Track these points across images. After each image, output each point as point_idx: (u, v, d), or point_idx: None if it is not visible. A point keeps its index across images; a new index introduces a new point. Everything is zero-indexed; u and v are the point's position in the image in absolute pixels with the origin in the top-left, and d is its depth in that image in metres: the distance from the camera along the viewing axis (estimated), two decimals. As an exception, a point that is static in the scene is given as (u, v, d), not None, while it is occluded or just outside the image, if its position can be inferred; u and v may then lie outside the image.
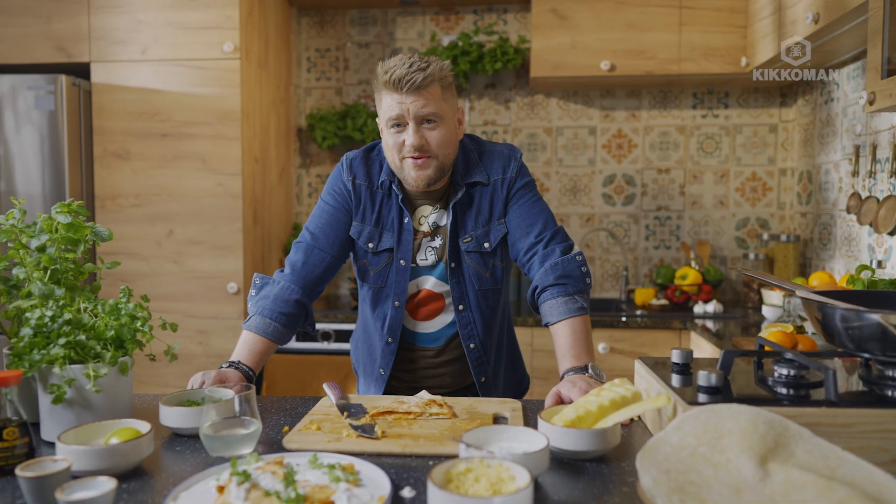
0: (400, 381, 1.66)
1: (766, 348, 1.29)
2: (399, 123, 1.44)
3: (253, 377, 1.40)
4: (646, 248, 3.36)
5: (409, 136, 1.44)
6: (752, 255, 3.11)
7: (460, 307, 1.58)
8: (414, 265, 1.57)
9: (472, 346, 1.60)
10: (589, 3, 2.93)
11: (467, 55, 3.21)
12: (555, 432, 1.05)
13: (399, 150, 1.46)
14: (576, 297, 1.46)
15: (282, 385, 2.80)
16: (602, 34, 2.94)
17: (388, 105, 1.44)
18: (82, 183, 2.86)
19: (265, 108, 3.06)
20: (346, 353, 2.81)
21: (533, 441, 1.02)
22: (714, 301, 2.85)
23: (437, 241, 1.57)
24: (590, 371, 1.36)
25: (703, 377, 1.09)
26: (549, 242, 1.52)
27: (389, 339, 1.60)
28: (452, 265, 1.56)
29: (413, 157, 1.45)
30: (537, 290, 1.50)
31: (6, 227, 1.25)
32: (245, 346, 1.43)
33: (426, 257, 1.57)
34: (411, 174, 1.47)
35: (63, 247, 1.25)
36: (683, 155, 3.31)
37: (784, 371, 1.12)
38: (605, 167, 3.35)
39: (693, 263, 3.14)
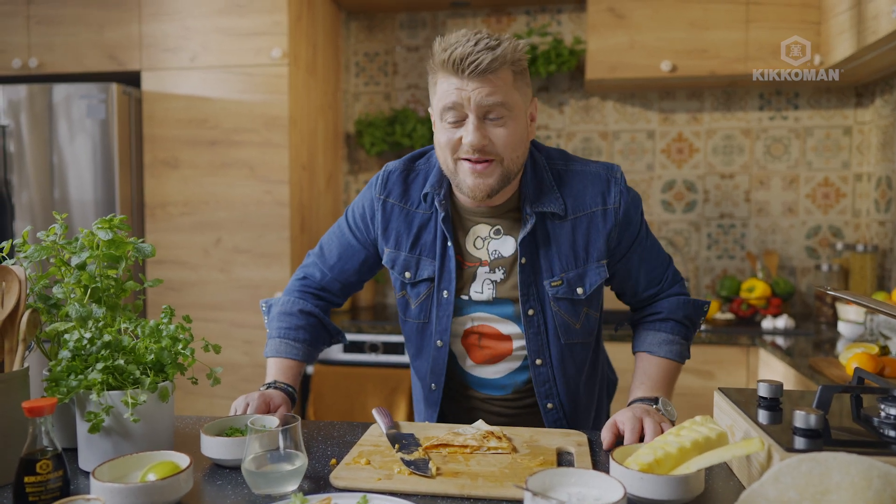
0: (457, 422, 1.44)
1: (867, 382, 1.15)
2: (456, 117, 1.17)
3: (294, 394, 1.33)
4: (707, 257, 3.18)
5: (468, 133, 1.15)
6: (824, 267, 2.91)
7: (538, 361, 1.31)
8: (466, 297, 1.31)
9: (549, 405, 1.33)
10: (648, 2, 2.79)
11: (519, 57, 3.10)
12: (630, 477, 0.94)
13: (454, 149, 1.19)
14: (686, 345, 1.37)
15: (329, 398, 2.73)
16: (662, 33, 2.79)
17: (444, 91, 1.16)
18: (132, 191, 2.86)
19: (313, 114, 3.01)
20: (395, 365, 2.73)
21: (605, 487, 0.91)
22: (784, 315, 2.67)
23: (499, 275, 1.29)
24: (659, 404, 1.23)
25: (800, 418, 0.96)
26: (673, 284, 1.40)
27: (433, 386, 1.37)
28: (530, 312, 1.28)
29: (471, 161, 1.18)
30: (656, 315, 1.38)
31: (47, 243, 1.20)
32: (274, 367, 1.35)
33: (481, 290, 1.30)
34: (467, 182, 1.19)
35: (104, 264, 1.20)
36: (749, 159, 3.13)
37: (893, 411, 0.99)
38: (664, 172, 3.19)
39: (760, 274, 2.96)
